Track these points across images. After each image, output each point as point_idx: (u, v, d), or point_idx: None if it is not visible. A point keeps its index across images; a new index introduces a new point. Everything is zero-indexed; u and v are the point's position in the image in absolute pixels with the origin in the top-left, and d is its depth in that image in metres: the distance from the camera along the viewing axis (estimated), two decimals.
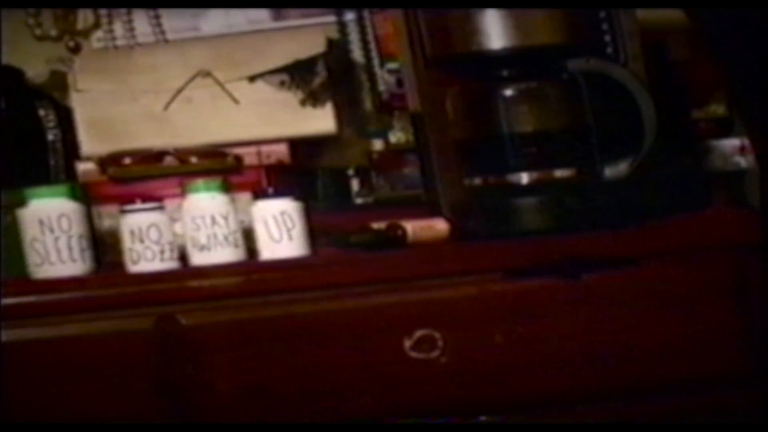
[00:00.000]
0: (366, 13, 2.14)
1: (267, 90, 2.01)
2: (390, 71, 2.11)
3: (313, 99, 2.02)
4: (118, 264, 1.81)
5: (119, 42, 2.17)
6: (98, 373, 1.73)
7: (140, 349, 1.73)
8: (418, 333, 1.73)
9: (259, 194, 1.83)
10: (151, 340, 1.73)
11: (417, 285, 1.76)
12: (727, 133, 2.11)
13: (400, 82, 2.05)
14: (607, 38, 1.86)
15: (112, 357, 1.73)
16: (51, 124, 2.08)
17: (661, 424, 1.74)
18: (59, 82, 2.15)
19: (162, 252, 1.79)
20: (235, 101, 2.01)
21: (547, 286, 1.74)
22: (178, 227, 1.81)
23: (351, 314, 1.75)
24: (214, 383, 1.73)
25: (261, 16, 2.18)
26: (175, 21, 2.17)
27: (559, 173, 1.80)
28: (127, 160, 1.98)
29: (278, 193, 1.82)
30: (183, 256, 1.81)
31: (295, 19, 2.18)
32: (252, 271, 1.77)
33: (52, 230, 1.77)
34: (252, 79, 2.01)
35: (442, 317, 1.74)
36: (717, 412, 1.74)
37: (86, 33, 2.20)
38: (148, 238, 1.78)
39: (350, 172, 2.14)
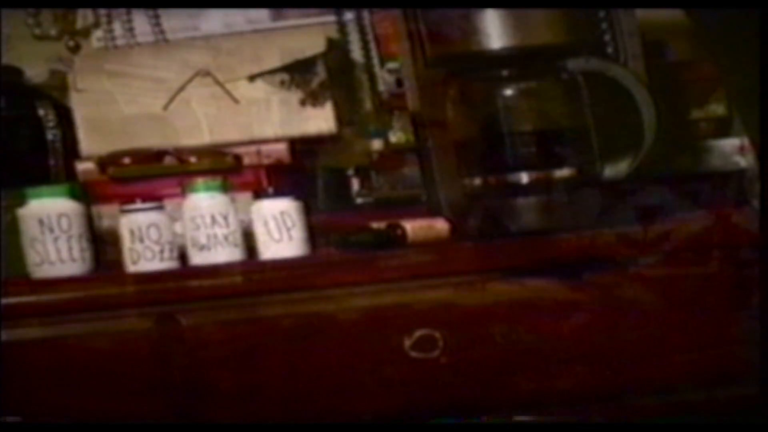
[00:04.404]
0: (366, 13, 2.14)
1: (267, 90, 2.01)
2: (390, 71, 2.11)
3: (312, 99, 2.02)
4: (118, 264, 1.81)
5: (119, 42, 2.17)
6: (98, 373, 1.72)
7: (140, 349, 1.73)
8: (418, 333, 1.73)
9: (259, 194, 1.83)
10: (151, 340, 1.73)
11: (417, 285, 1.76)
12: (727, 133, 2.11)
13: (400, 82, 2.04)
14: (607, 38, 1.85)
15: (112, 357, 1.73)
16: (51, 124, 2.07)
17: (662, 424, 1.74)
18: (59, 82, 2.15)
19: (162, 252, 1.79)
20: (235, 101, 2.01)
21: (547, 286, 1.74)
22: (178, 227, 1.81)
23: (351, 314, 1.74)
24: (214, 383, 1.73)
25: (261, 16, 2.18)
26: (174, 21, 2.17)
27: (559, 173, 1.80)
28: (127, 160, 1.98)
29: (278, 193, 1.82)
30: (183, 256, 1.81)
31: (294, 19, 2.18)
32: (252, 271, 1.77)
33: (51, 230, 1.77)
34: (252, 79, 2.01)
35: (442, 317, 1.74)
36: (717, 412, 1.74)
37: (86, 33, 2.20)
38: (148, 238, 1.78)
39: (350, 172, 2.13)
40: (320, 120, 2.02)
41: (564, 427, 1.74)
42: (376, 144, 2.14)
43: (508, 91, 1.80)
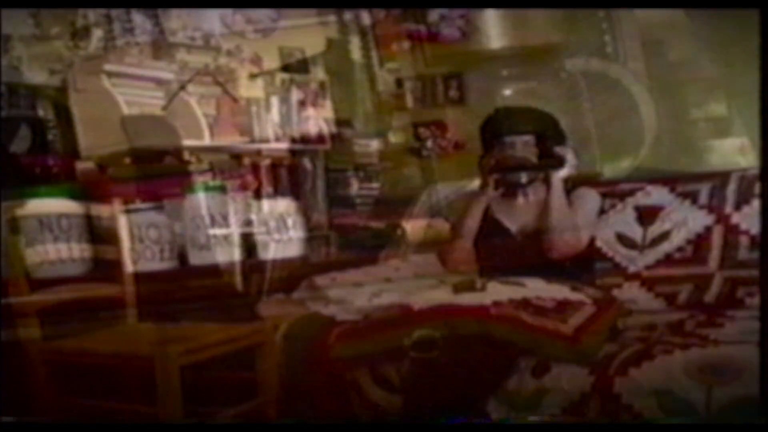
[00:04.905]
0: (366, 13, 2.14)
1: (267, 90, 2.01)
2: (390, 71, 2.11)
3: (312, 99, 2.02)
4: (118, 264, 1.81)
5: (119, 42, 2.17)
6: (98, 373, 1.72)
7: (141, 349, 1.73)
8: (418, 333, 1.73)
9: (259, 194, 1.83)
10: (152, 340, 1.73)
11: (417, 285, 1.75)
12: (727, 133, 2.11)
13: (400, 82, 2.05)
14: (607, 38, 1.86)
15: (112, 357, 1.72)
16: (51, 124, 2.08)
17: (663, 424, 1.74)
18: (59, 82, 2.15)
19: (162, 252, 1.79)
20: (235, 101, 2.01)
21: (547, 286, 1.74)
22: (177, 227, 1.81)
23: (351, 314, 1.74)
24: (214, 382, 1.73)
25: (261, 16, 2.18)
26: (174, 21, 2.17)
27: (559, 173, 1.80)
28: (127, 160, 1.98)
29: (278, 193, 1.82)
30: (183, 256, 1.81)
31: (294, 19, 2.18)
32: (252, 271, 1.77)
33: (51, 230, 1.77)
34: (252, 78, 2.01)
35: (442, 317, 1.73)
36: (717, 410, 1.74)
37: (86, 32, 2.20)
38: (148, 238, 1.78)
39: (350, 172, 2.14)
40: (320, 120, 2.02)
41: (564, 427, 1.74)
42: (376, 144, 2.14)
43: (508, 91, 1.81)
